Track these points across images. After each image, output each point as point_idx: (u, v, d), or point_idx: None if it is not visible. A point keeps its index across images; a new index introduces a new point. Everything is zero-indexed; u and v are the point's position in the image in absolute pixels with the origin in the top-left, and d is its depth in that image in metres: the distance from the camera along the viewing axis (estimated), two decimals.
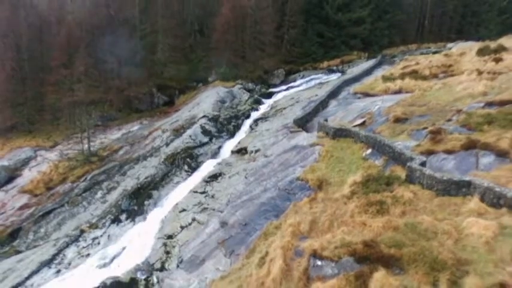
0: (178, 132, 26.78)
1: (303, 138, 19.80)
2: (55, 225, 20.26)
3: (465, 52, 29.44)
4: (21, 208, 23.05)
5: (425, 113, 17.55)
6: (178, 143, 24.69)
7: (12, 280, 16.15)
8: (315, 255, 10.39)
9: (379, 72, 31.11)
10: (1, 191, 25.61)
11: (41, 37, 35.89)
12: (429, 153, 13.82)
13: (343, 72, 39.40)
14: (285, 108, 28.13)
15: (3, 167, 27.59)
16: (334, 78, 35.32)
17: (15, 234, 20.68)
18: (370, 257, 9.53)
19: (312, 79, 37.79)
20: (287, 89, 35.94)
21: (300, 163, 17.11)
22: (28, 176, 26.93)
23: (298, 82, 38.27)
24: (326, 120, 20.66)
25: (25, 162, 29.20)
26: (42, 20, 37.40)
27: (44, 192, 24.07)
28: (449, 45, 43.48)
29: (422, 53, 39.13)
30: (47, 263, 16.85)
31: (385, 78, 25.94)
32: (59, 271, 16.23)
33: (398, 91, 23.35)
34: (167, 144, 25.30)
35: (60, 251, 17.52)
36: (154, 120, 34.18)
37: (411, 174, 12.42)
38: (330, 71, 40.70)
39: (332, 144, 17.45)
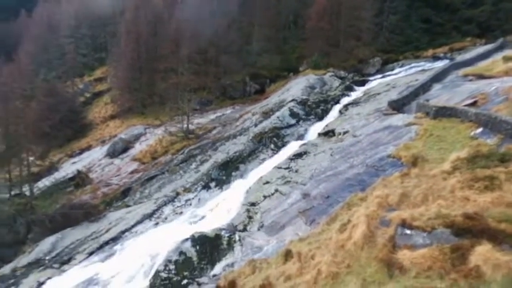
0: (267, 114, 27.53)
1: (397, 119, 18.28)
2: (156, 188, 23.01)
3: None
4: (132, 172, 26.86)
5: None
6: (266, 124, 25.39)
7: (122, 226, 18.96)
8: (404, 225, 9.47)
9: (499, 56, 26.57)
10: (118, 158, 30.30)
11: (155, 31, 41.15)
12: None
13: (452, 59, 34.83)
14: (379, 94, 26.34)
15: (121, 139, 32.55)
16: (441, 65, 31.49)
17: (126, 192, 24.23)
18: (472, 229, 8.26)
19: (412, 67, 34.46)
20: (383, 77, 33.56)
21: (392, 142, 15.84)
22: (138, 148, 31.21)
23: (396, 71, 35.34)
24: (427, 101, 18.63)
25: (137, 137, 33.89)
26: (157, 17, 42.85)
27: (149, 161, 27.58)
28: None
29: None
30: (148, 216, 19.26)
31: (507, 59, 22.03)
32: (157, 223, 18.41)
33: None
34: (256, 125, 26.26)
35: (159, 207, 19.86)
36: (246, 106, 35.82)
37: None
38: (436, 58, 36.45)
39: (432, 123, 15.67)
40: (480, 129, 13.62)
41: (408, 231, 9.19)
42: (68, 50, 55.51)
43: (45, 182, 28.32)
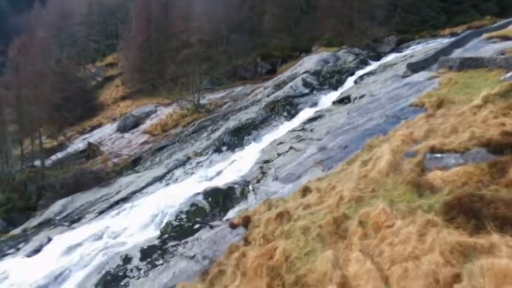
0: (279, 86, 26.93)
1: (418, 76, 17.50)
2: (167, 155, 22.67)
3: None
4: (142, 144, 26.65)
5: None
6: (279, 93, 24.78)
7: (132, 188, 18.67)
8: (433, 151, 8.82)
9: None
10: (129, 133, 30.14)
11: (166, 11, 40.91)
12: None
13: None
14: (395, 64, 25.41)
15: (132, 114, 32.43)
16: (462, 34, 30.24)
17: (136, 161, 24.02)
18: (511, 144, 7.57)
19: (429, 43, 33.33)
20: (398, 52, 32.53)
21: (413, 95, 15.08)
22: (149, 123, 31.01)
23: (412, 47, 34.23)
24: None
25: (147, 115, 33.72)
26: None
27: (160, 133, 27.35)
28: None
29: None
30: (159, 179, 18.90)
31: None
32: (168, 184, 18.03)
33: None
34: (268, 96, 25.69)
35: (170, 170, 19.48)
36: (257, 84, 35.25)
37: None
38: (454, 35, 35.16)
39: (457, 74, 14.88)
40: (510, 73, 12.78)
41: (438, 155, 8.53)
42: (79, 36, 55.84)
43: (57, 155, 28.32)
